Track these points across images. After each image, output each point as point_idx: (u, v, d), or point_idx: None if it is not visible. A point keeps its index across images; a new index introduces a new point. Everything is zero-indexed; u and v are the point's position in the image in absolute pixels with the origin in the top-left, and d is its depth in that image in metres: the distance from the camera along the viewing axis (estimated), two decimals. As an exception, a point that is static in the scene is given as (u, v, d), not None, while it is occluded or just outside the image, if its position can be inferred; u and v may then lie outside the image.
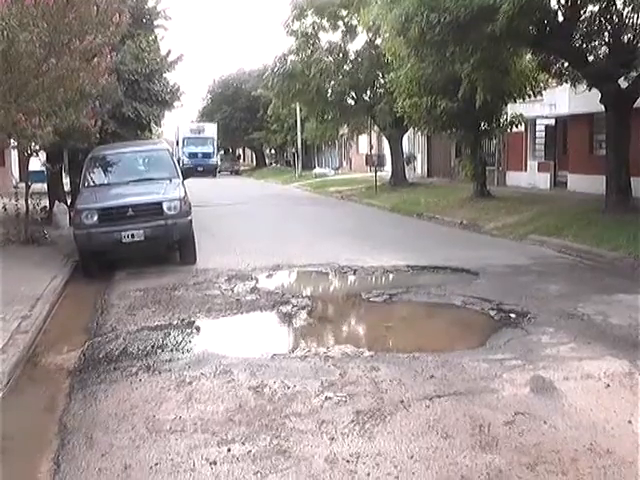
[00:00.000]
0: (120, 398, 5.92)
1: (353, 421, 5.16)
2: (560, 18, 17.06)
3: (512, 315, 8.41)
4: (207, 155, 57.14)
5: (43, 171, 19.56)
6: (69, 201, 18.83)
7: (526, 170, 28.62)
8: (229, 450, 4.78)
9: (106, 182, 13.57)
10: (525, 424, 5.09)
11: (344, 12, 30.62)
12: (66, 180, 22.39)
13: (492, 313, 8.56)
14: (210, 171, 54.24)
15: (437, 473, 4.38)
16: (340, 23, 31.00)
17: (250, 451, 4.75)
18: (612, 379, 6.02)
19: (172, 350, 7.34)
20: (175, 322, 8.44)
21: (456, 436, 4.89)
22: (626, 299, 9.21)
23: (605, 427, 5.03)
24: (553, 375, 6.12)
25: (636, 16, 15.93)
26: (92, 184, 13.54)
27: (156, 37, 23.27)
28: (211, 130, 59.72)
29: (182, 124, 60.52)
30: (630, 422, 5.12)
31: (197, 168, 48.92)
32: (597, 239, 13.72)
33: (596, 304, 8.83)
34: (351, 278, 11.34)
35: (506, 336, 7.49)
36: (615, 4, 16.00)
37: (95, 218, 11.87)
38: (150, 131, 27.59)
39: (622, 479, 4.30)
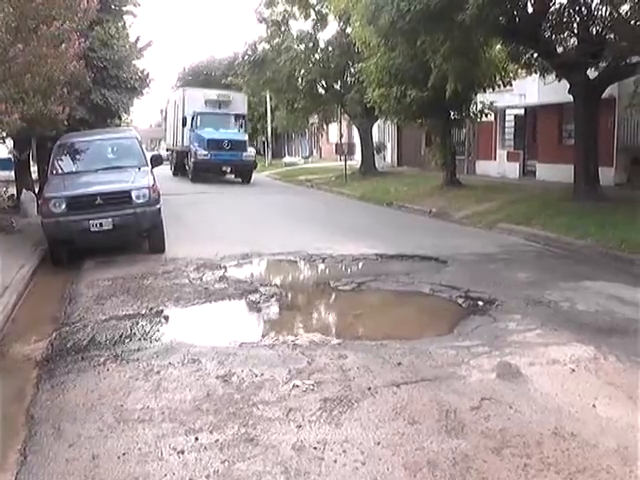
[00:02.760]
0: (88, 388, 5.88)
1: (320, 408, 5.19)
2: (530, 9, 17.20)
3: (480, 302, 8.49)
4: (238, 145, 31.61)
5: (10, 159, 19.38)
6: (37, 189, 18.65)
7: (495, 159, 28.86)
8: (197, 439, 4.77)
9: (74, 170, 13.43)
10: (491, 409, 5.14)
11: (315, 0, 30.56)
12: (34, 168, 22.17)
13: (460, 301, 8.64)
14: (244, 172, 32.38)
15: (404, 458, 4.42)
16: (311, 11, 30.93)
17: (218, 440, 4.75)
18: (577, 364, 6.11)
19: (140, 339, 7.29)
20: (143, 311, 8.39)
21: (423, 422, 4.93)
22: (593, 286, 9.37)
23: (570, 411, 5.11)
24: (519, 361, 6.19)
25: (604, 8, 16.10)
26: (60, 172, 13.41)
27: (125, 23, 23.10)
28: (240, 102, 35.85)
29: (190, 91, 36.80)
30: (594, 406, 5.21)
31: (222, 167, 31.61)
32: (565, 227, 13.88)
33: (563, 291, 8.95)
34: (320, 267, 11.35)
35: (473, 323, 7.57)
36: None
37: (63, 206, 11.76)
38: (119, 118, 27.39)
39: (586, 461, 4.37)
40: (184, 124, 33.11)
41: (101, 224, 11.74)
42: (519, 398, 5.34)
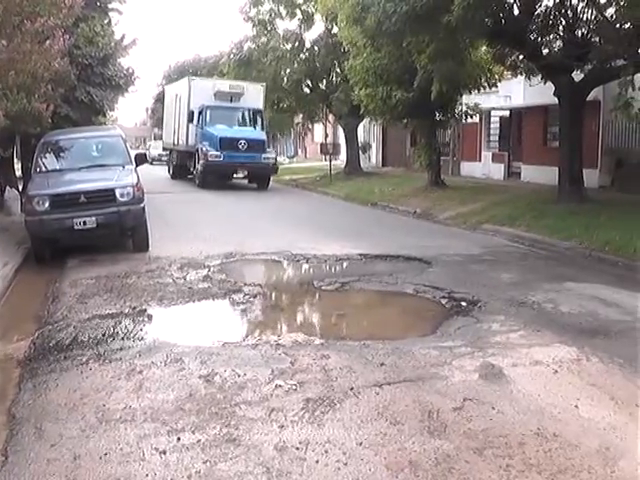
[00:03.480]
0: (70, 387, 5.83)
1: (303, 409, 5.18)
2: (515, 11, 17.27)
3: (463, 303, 8.50)
4: (256, 145, 27.10)
5: (-7, 156, 19.18)
6: (21, 187, 18.52)
7: (480, 160, 28.95)
8: (179, 439, 4.75)
9: (58, 168, 13.34)
10: (473, 410, 5.15)
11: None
12: (18, 166, 22.02)
13: (443, 301, 8.65)
14: (262, 177, 28.03)
15: (386, 459, 4.41)
16: (297, 11, 30.90)
17: (200, 440, 4.73)
18: (560, 365, 6.13)
19: (123, 339, 7.24)
20: (127, 310, 8.34)
21: (405, 422, 4.93)
22: (576, 287, 9.43)
23: (552, 412, 5.13)
24: (502, 362, 6.20)
25: (590, 11, 16.20)
26: (44, 170, 13.32)
27: (110, 21, 22.98)
28: (256, 95, 29.85)
29: (197, 81, 31.00)
30: (576, 406, 5.23)
31: (237, 171, 27.44)
32: (549, 229, 13.95)
33: (546, 292, 9.00)
34: (304, 266, 11.33)
35: (457, 324, 7.58)
36: (570, -1, 16.33)
37: (47, 204, 11.68)
38: (104, 116, 27.23)
39: (567, 461, 4.38)
40: (190, 119, 28.64)
41: (85, 222, 11.67)
42: (502, 399, 5.36)
